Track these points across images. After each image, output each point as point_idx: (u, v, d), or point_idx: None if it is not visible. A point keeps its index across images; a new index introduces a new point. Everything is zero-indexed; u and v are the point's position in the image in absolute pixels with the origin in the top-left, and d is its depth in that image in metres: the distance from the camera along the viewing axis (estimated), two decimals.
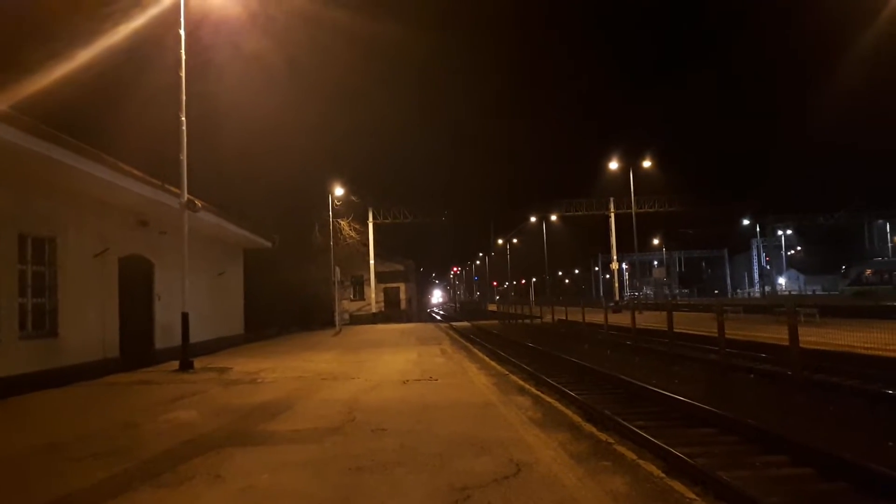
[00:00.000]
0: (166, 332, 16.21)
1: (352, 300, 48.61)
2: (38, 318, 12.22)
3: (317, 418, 7.66)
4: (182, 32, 13.59)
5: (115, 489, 4.92)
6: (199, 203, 14.96)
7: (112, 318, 14.47)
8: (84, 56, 12.17)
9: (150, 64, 15.65)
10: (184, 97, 13.73)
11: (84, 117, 14.62)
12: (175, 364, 13.68)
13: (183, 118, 13.74)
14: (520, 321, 40.72)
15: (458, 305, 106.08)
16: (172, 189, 14.51)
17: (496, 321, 45.71)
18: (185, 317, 13.76)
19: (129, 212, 15.24)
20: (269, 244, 25.63)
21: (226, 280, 22.60)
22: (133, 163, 13.60)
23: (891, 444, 7.30)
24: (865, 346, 12.88)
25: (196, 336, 14.93)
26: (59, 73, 11.51)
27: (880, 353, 12.11)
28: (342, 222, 42.63)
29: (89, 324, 13.60)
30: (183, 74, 13.70)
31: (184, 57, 13.65)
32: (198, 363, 13.97)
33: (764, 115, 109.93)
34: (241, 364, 14.63)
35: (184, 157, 13.80)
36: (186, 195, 14.04)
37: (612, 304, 38.51)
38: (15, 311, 11.43)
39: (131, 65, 15.64)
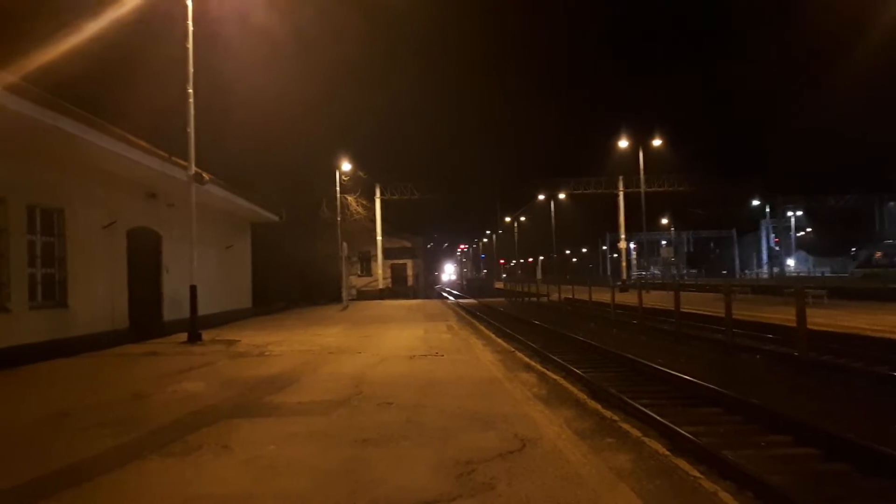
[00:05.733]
0: (175, 305, 16.31)
1: (359, 276, 48.73)
2: (48, 289, 12.31)
3: (324, 391, 7.70)
4: (189, 3, 13.46)
5: (123, 458, 4.97)
6: (206, 176, 14.95)
7: (121, 289, 14.57)
8: (93, 28, 12.06)
9: (159, 37, 15.55)
10: (191, 69, 13.64)
11: (93, 90, 14.58)
12: (183, 336, 13.80)
13: (190, 90, 13.67)
14: (526, 299, 40.76)
15: (464, 283, 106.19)
16: (180, 161, 14.50)
17: (503, 299, 45.77)
18: (193, 289, 13.83)
19: (137, 184, 15.25)
20: (276, 218, 25.65)
21: (234, 254, 22.68)
22: (142, 135, 13.58)
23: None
24: (874, 327, 12.88)
25: (204, 309, 15.03)
26: (68, 44, 11.41)
27: (888, 335, 12.09)
28: (349, 198, 42.58)
29: (98, 295, 13.69)
30: (190, 46, 13.59)
31: (191, 28, 13.53)
32: (206, 335, 14.07)
33: (777, 98, 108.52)
34: (249, 337, 14.72)
35: (191, 129, 13.76)
36: (194, 168, 14.03)
37: (619, 283, 38.50)
38: (25, 281, 11.52)
39: (140, 37, 15.55)
